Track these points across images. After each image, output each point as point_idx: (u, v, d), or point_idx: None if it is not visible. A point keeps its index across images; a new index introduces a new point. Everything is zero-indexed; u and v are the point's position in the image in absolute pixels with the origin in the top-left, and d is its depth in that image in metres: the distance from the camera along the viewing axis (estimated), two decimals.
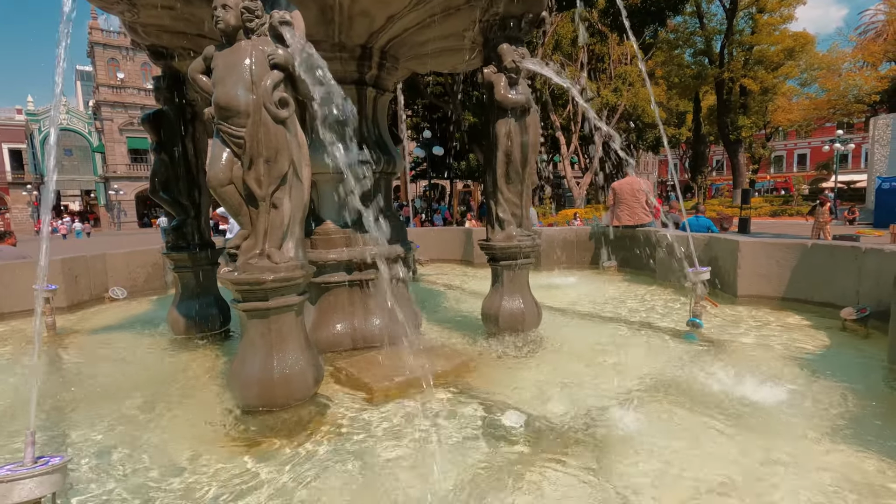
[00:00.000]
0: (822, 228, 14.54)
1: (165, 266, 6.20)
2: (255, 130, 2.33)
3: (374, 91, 3.61)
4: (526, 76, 3.45)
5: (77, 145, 44.96)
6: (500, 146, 3.40)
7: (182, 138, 3.80)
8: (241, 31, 2.35)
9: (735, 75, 29.12)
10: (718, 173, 56.74)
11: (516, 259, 3.58)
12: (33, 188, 42.39)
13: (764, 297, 4.38)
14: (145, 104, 43.17)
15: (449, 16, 3.28)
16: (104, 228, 44.36)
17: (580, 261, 6.77)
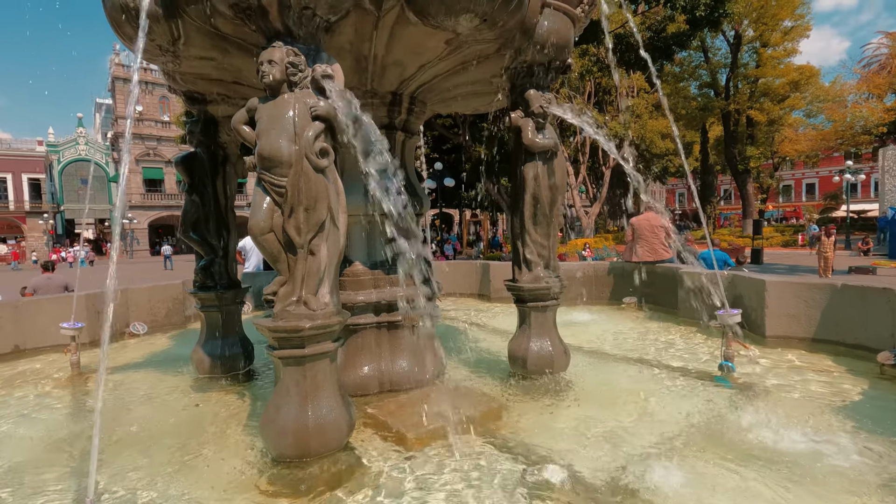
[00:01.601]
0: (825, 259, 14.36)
1: (185, 300, 6.23)
2: (297, 180, 2.37)
3: (402, 135, 3.68)
4: (552, 121, 3.52)
5: (94, 175, 45.96)
6: (528, 189, 3.43)
7: (213, 179, 3.87)
8: (285, 84, 2.42)
9: (741, 107, 29.50)
10: (726, 202, 56.78)
11: (544, 300, 3.56)
12: (49, 217, 43.18)
13: (793, 338, 4.30)
14: (161, 135, 44.36)
15: (478, 64, 3.36)
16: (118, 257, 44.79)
17: (599, 296, 6.72)
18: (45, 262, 7.94)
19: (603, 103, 27.48)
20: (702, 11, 15.19)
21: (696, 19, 15.63)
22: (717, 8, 15.39)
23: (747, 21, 27.95)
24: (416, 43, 2.95)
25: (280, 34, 2.43)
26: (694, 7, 15.10)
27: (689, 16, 15.57)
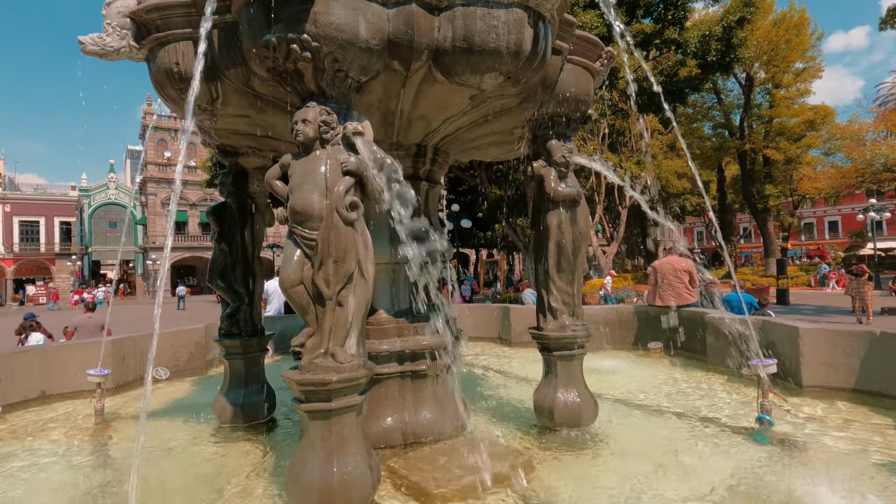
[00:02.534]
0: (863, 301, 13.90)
1: (207, 345, 6.27)
2: (327, 233, 2.42)
3: (426, 184, 3.76)
4: (574, 169, 3.56)
5: (122, 218, 47.60)
6: (552, 237, 3.44)
7: (241, 228, 3.97)
8: (317, 141, 2.51)
9: (757, 146, 29.53)
10: (746, 241, 55.93)
11: (571, 349, 3.49)
12: (77, 259, 44.50)
13: (832, 389, 4.11)
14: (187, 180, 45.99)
15: (501, 116, 3.46)
16: (138, 296, 45.71)
17: (623, 341, 6.57)
18: (87, 303, 8.87)
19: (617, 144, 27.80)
20: (713, 56, 15.52)
21: (707, 64, 15.95)
22: (728, 53, 15.71)
23: (758, 64, 28.39)
24: (441, 99, 3.05)
25: (314, 94, 2.55)
26: (705, 52, 15.44)
27: (701, 61, 15.90)
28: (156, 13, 2.79)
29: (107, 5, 2.84)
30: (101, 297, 35.21)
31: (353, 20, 2.38)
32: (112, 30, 2.83)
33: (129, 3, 2.86)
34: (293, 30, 2.34)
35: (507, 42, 2.56)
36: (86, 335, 7.79)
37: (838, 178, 33.38)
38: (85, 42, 2.76)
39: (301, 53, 2.37)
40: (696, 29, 15.95)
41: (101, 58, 2.85)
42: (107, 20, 2.82)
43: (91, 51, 2.78)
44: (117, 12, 2.84)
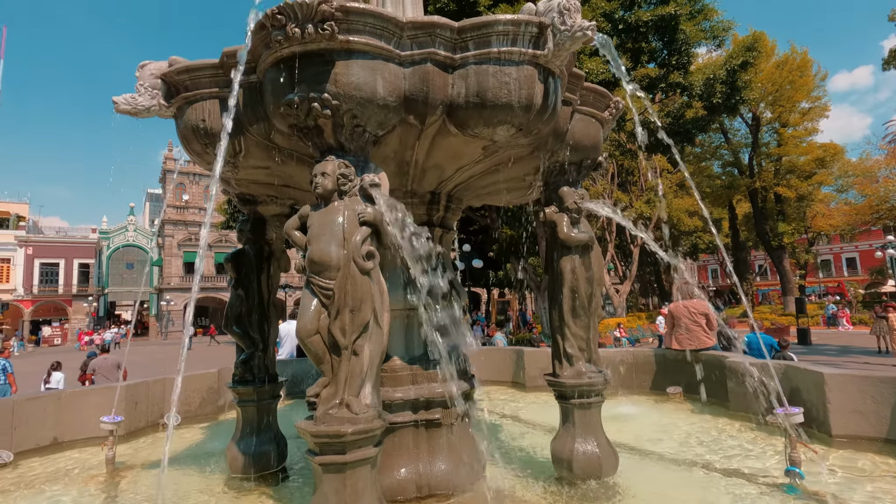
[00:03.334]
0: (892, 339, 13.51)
1: (220, 389, 6.24)
2: (344, 282, 2.45)
3: (440, 230, 3.81)
4: (586, 215, 3.60)
5: (138, 259, 48.52)
6: (566, 282, 3.44)
7: (258, 275, 4.03)
8: (335, 193, 2.59)
9: (767, 184, 29.53)
10: (762, 278, 55.05)
11: (588, 397, 3.42)
12: (93, 300, 45.11)
13: (863, 438, 3.94)
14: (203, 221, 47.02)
15: (513, 164, 3.54)
16: (151, 337, 45.89)
17: (640, 385, 6.41)
18: (101, 345, 9.77)
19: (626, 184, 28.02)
20: (718, 99, 15.82)
21: (712, 106, 16.24)
22: (733, 95, 16.01)
23: (764, 104, 28.81)
24: (455, 150, 3.15)
25: (332, 149, 2.65)
26: (710, 95, 15.75)
27: (706, 103, 16.19)
28: (185, 74, 2.96)
29: (140, 67, 3.03)
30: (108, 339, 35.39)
31: (372, 79, 2.51)
32: (144, 90, 3.00)
33: (160, 66, 3.04)
34: (314, 89, 2.46)
35: (519, 97, 2.66)
36: (103, 375, 8.13)
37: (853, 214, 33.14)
38: (118, 102, 2.93)
39: (322, 111, 2.48)
40: (701, 73, 16.35)
41: (133, 116, 3.01)
42: (140, 81, 3.00)
43: (123, 110, 2.94)
44: (150, 74, 3.02)
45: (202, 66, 2.91)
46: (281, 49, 2.46)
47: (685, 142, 19.13)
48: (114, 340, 35.59)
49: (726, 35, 17.00)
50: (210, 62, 2.89)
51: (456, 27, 2.60)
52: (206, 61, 2.90)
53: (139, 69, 3.02)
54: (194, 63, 2.93)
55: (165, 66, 3.04)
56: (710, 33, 16.59)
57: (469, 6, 13.95)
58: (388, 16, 2.50)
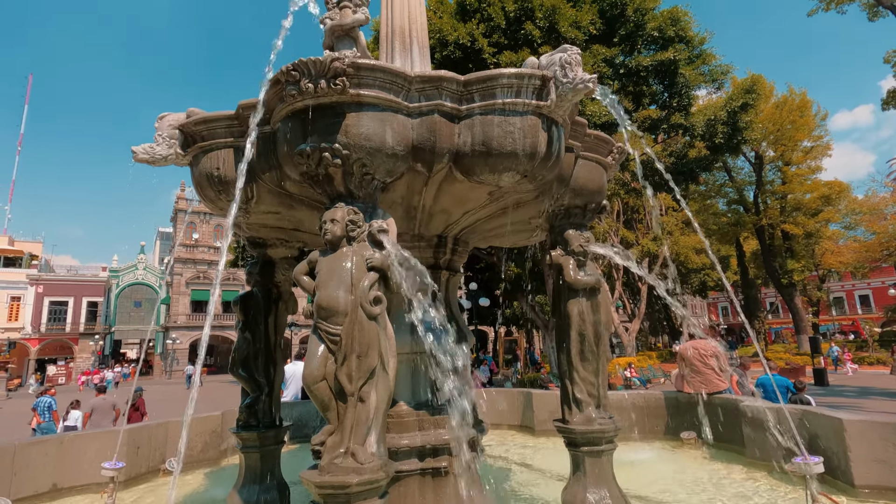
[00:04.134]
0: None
1: (223, 433, 6.13)
2: (351, 328, 2.46)
3: (447, 273, 3.84)
4: (592, 258, 3.62)
5: (146, 298, 48.73)
6: (574, 326, 3.42)
7: (265, 317, 4.05)
8: (344, 239, 2.63)
9: (774, 221, 29.51)
10: (774, 316, 54.13)
11: (599, 445, 3.33)
12: (100, 338, 45.08)
13: (889, 489, 3.77)
14: (212, 260, 47.45)
15: (518, 207, 3.60)
16: (155, 376, 45.49)
17: (653, 430, 6.22)
18: (98, 385, 9.87)
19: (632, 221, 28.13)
20: (720, 139, 16.07)
21: (715, 146, 16.48)
22: (735, 135, 16.27)
23: (766, 143, 29.18)
24: (461, 195, 3.21)
25: (342, 196, 2.71)
26: (712, 135, 16.02)
27: (709, 143, 16.45)
28: (202, 125, 3.08)
29: (160, 119, 3.16)
30: (109, 379, 35.11)
31: (381, 130, 2.60)
32: (162, 140, 3.12)
33: (179, 117, 3.17)
34: (326, 140, 2.55)
35: (523, 145, 2.74)
36: (100, 415, 8.47)
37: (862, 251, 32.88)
38: (137, 152, 3.04)
39: (332, 160, 2.56)
40: (702, 114, 16.69)
41: (150, 164, 3.11)
42: (158, 132, 3.12)
43: (142, 159, 3.05)
44: (168, 125, 3.15)
45: (218, 118, 3.03)
46: (294, 102, 2.57)
47: (689, 180, 19.31)
48: (114, 380, 35.28)
49: (725, 78, 17.45)
50: (226, 113, 3.02)
51: (462, 80, 2.71)
52: (222, 113, 3.03)
53: (158, 120, 3.15)
54: (211, 114, 3.06)
55: (183, 117, 3.17)
56: (710, 77, 17.05)
57: (474, 53, 14.48)
58: (396, 70, 2.62)
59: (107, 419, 8.45)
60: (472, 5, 15.05)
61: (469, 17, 15.05)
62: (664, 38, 15.81)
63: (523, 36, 14.50)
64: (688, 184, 21.09)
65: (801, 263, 29.93)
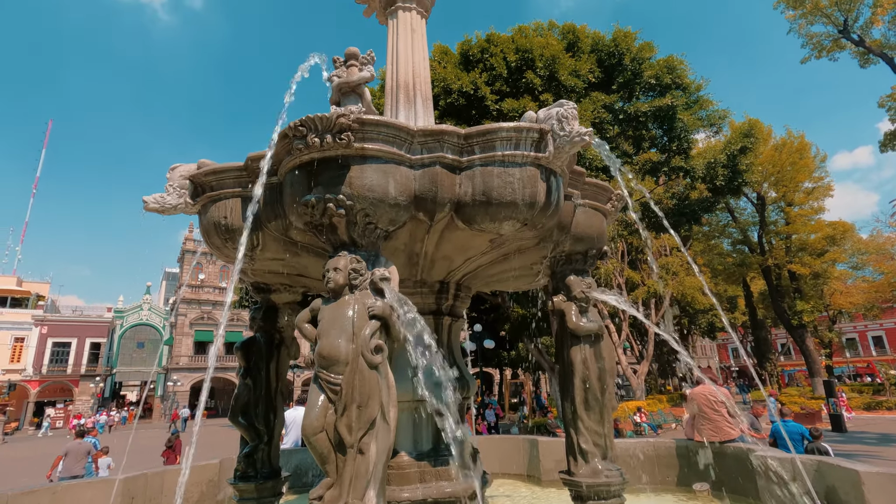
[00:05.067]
0: None
1: (220, 483, 5.96)
2: (352, 377, 2.46)
3: (449, 319, 3.84)
4: (594, 304, 3.62)
5: (150, 339, 48.48)
6: (577, 373, 3.39)
7: (267, 363, 4.03)
8: (346, 287, 2.66)
9: (780, 262, 29.35)
10: (787, 358, 52.91)
11: (606, 498, 3.22)
12: (100, 380, 44.58)
13: None
14: (217, 300, 47.49)
15: (520, 254, 3.64)
16: (154, 419, 44.61)
17: (664, 480, 5.99)
18: (79, 429, 9.55)
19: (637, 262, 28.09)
20: (721, 181, 16.27)
21: (716, 188, 16.66)
22: (735, 178, 16.47)
23: (767, 184, 29.46)
24: (463, 242, 3.26)
25: (345, 244, 2.77)
26: (713, 178, 16.23)
27: (710, 185, 16.65)
28: (212, 176, 3.19)
29: (171, 170, 3.28)
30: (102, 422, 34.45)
31: (384, 181, 2.68)
32: (173, 189, 3.22)
33: (190, 168, 3.29)
34: (330, 191, 2.63)
35: (523, 195, 2.81)
36: (73, 460, 8.41)
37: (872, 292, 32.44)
38: (148, 201, 3.14)
39: (336, 210, 2.63)
40: (702, 157, 16.98)
41: (160, 213, 3.20)
42: (169, 182, 3.23)
43: (152, 208, 3.14)
44: (179, 175, 3.26)
45: (228, 169, 3.14)
46: (301, 155, 2.67)
47: (692, 221, 19.40)
48: (108, 424, 34.55)
49: (723, 122, 17.85)
50: (235, 165, 3.13)
51: (463, 134, 2.81)
52: (232, 164, 3.14)
53: (170, 171, 3.26)
54: (221, 166, 3.17)
55: (194, 167, 3.29)
56: (707, 121, 17.46)
57: (477, 100, 14.96)
58: (400, 125, 2.73)
59: (80, 464, 8.35)
60: (475, 56, 15.69)
61: (472, 67, 15.65)
62: (661, 85, 16.32)
63: (524, 84, 15.02)
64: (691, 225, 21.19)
65: (810, 304, 29.49)
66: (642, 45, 16.60)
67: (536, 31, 17.10)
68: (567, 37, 16.76)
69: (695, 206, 17.73)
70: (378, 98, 13.62)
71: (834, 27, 19.31)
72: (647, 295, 24.87)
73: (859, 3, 18.32)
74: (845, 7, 18.47)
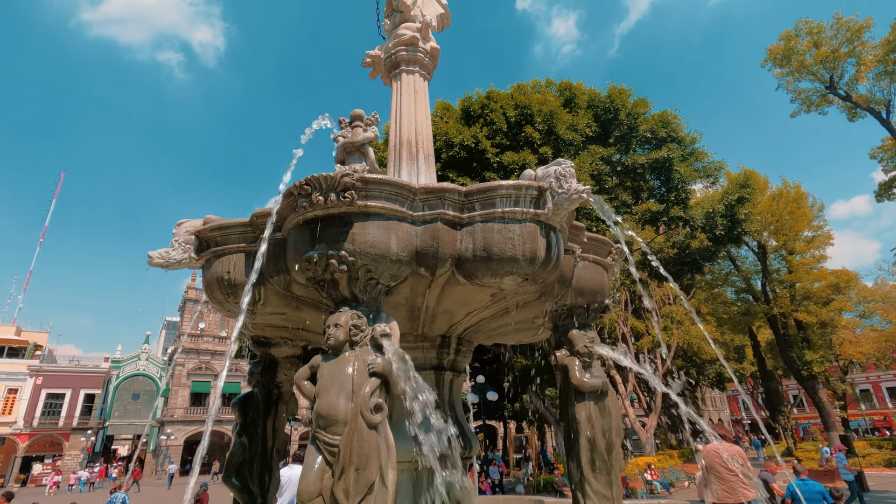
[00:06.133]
0: None
1: None
2: (350, 438, 2.39)
3: (451, 374, 3.78)
4: (598, 359, 3.57)
5: (145, 390, 47.46)
6: (582, 432, 3.29)
7: (264, 420, 3.93)
8: (347, 344, 2.64)
9: (785, 310, 29.01)
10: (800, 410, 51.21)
11: None
12: (92, 434, 43.24)
13: None
14: (216, 350, 46.84)
15: (522, 307, 3.63)
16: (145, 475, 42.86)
17: None
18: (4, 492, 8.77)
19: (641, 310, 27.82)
20: (720, 231, 16.40)
21: (716, 237, 16.77)
22: (735, 227, 16.62)
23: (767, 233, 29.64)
24: (464, 297, 3.27)
25: (346, 300, 2.77)
26: (712, 227, 16.38)
27: (710, 234, 16.77)
28: (217, 231, 3.24)
29: (178, 225, 3.34)
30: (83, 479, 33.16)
31: (386, 238, 2.73)
32: (178, 245, 3.27)
33: (196, 223, 3.35)
34: (333, 247, 2.67)
35: (523, 251, 2.84)
36: None
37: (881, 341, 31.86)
38: (153, 257, 3.18)
39: (338, 266, 2.66)
40: (700, 207, 17.20)
41: (164, 268, 3.23)
42: (175, 237, 3.28)
43: (157, 263, 3.18)
44: (185, 231, 3.32)
45: (233, 225, 3.20)
46: (305, 213, 2.73)
47: (694, 270, 19.39)
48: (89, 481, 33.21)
49: (719, 173, 18.22)
50: (240, 221, 3.19)
51: (463, 191, 2.88)
52: (237, 220, 3.20)
53: (176, 226, 3.32)
54: (226, 222, 3.23)
55: (200, 223, 3.35)
56: (704, 172, 17.81)
57: (478, 153, 15.38)
58: (402, 183, 2.80)
59: None
60: (475, 111, 16.28)
61: (473, 122, 16.20)
62: (657, 139, 16.80)
63: (524, 138, 15.49)
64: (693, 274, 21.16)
65: (819, 354, 28.84)
66: (637, 101, 17.24)
67: (534, 88, 17.83)
68: (564, 93, 17.44)
69: (696, 255, 17.79)
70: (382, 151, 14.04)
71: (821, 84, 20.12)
72: (653, 345, 24.46)
73: (843, 62, 19.17)
74: (830, 65, 19.31)
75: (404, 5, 4.60)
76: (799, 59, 19.55)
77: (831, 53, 18.93)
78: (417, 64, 4.61)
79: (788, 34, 19.91)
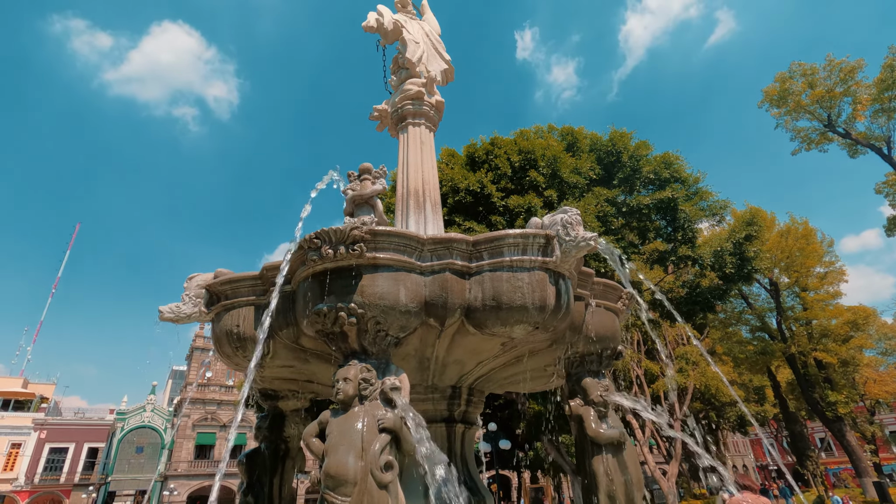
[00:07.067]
0: None
1: None
2: (360, 499, 2.31)
3: (462, 427, 3.68)
4: (614, 408, 3.47)
5: (150, 442, 46.40)
6: (601, 487, 3.15)
7: (271, 477, 3.82)
8: (356, 398, 2.60)
9: (804, 349, 28.24)
10: (828, 454, 48.82)
11: None
12: (94, 490, 42.03)
13: None
14: (222, 400, 46.07)
15: (533, 355, 3.57)
16: None
17: None
18: None
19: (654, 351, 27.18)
20: (730, 269, 16.27)
21: (726, 275, 16.62)
22: (744, 265, 16.48)
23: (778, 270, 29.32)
24: (474, 346, 3.23)
25: (356, 353, 2.75)
26: (721, 266, 16.26)
27: (719, 273, 16.63)
28: (228, 285, 3.27)
29: (189, 279, 3.37)
30: None
31: (395, 289, 2.73)
32: (189, 299, 3.29)
33: (206, 277, 3.39)
34: (342, 299, 2.67)
35: (532, 299, 2.82)
36: None
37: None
38: (163, 311, 3.19)
39: (348, 319, 2.65)
40: (708, 245, 17.14)
41: (174, 322, 3.24)
42: (186, 291, 3.31)
43: (167, 318, 3.19)
44: (196, 284, 3.35)
45: (244, 278, 3.23)
46: (315, 266, 2.76)
47: (705, 310, 19.06)
48: None
49: (724, 212, 18.27)
50: (251, 274, 3.22)
51: (471, 241, 2.91)
52: (248, 273, 3.23)
53: (187, 280, 3.36)
54: (237, 275, 3.27)
55: (211, 277, 3.38)
56: (709, 211, 17.87)
57: (484, 198, 15.61)
58: (410, 234, 2.84)
59: None
60: (480, 157, 16.64)
61: (478, 167, 16.54)
62: (660, 179, 16.99)
63: (528, 182, 15.73)
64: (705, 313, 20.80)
65: (843, 394, 27.76)
66: (638, 144, 17.59)
67: (537, 134, 18.29)
68: (566, 138, 17.86)
69: (707, 294, 17.55)
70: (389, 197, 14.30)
71: (819, 122, 20.48)
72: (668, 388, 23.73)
73: (839, 101, 19.57)
74: (826, 104, 19.71)
75: (410, 62, 4.81)
76: (795, 99, 20.01)
77: (827, 93, 19.37)
78: (423, 117, 4.77)
79: (783, 76, 20.47)
